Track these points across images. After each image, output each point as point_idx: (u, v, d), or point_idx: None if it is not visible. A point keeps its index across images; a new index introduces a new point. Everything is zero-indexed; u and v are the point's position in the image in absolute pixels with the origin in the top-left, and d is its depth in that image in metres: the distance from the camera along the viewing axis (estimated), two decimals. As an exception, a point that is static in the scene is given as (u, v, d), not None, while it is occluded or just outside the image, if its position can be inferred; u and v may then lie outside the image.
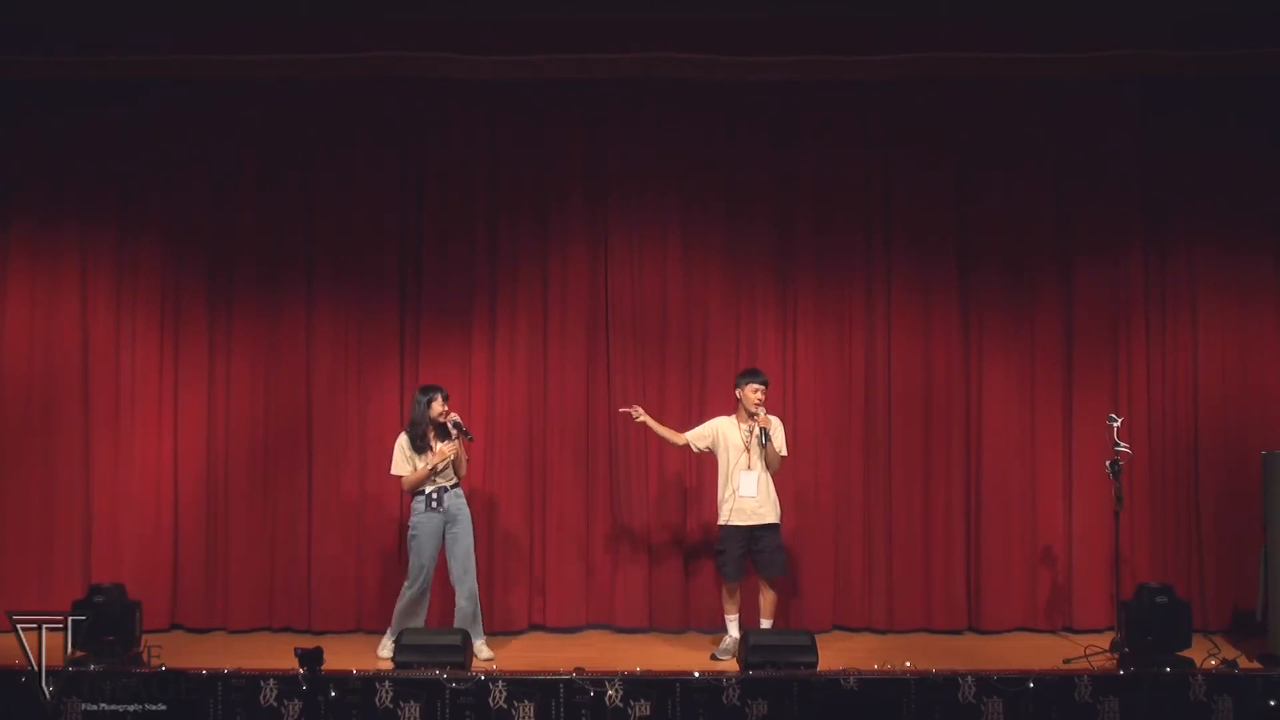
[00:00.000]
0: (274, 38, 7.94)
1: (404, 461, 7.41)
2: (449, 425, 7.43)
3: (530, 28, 7.96)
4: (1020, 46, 7.98)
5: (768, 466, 7.44)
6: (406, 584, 7.42)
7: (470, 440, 7.67)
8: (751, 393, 7.45)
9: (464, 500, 7.49)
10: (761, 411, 7.41)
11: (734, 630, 7.52)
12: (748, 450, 7.42)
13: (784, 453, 7.53)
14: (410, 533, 7.43)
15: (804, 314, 8.41)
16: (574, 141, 8.43)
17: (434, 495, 7.39)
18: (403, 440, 7.44)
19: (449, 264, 8.38)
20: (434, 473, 7.36)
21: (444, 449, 7.38)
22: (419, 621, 7.40)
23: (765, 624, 7.47)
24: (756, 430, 7.38)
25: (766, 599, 7.50)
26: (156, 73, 8.10)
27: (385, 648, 7.42)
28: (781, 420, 7.63)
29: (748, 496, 7.38)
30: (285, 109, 8.39)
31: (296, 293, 8.37)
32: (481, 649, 7.44)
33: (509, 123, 8.42)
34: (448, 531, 7.41)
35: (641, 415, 7.58)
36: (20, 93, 8.31)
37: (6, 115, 8.38)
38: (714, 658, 7.47)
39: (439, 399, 7.46)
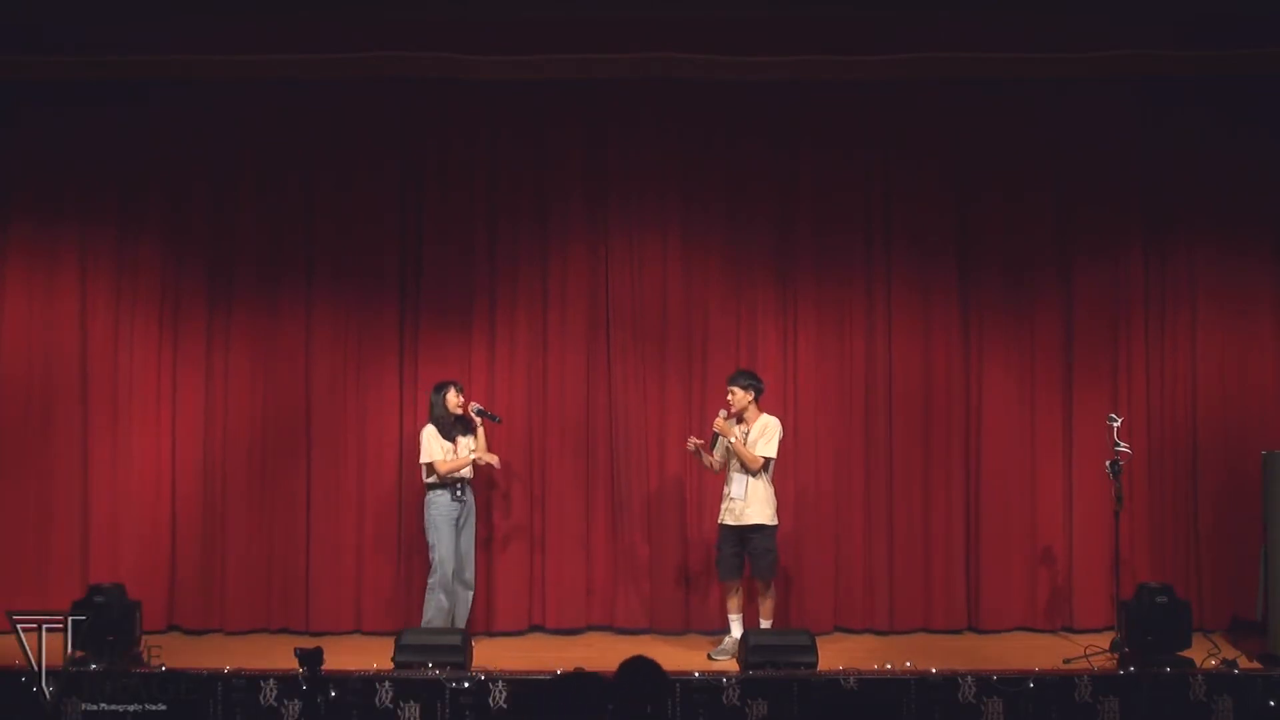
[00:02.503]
0: (274, 38, 7.94)
1: (438, 449, 7.54)
2: (471, 414, 7.64)
3: (530, 28, 7.96)
4: (1020, 46, 7.98)
5: (743, 468, 7.41)
6: (433, 579, 7.51)
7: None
8: (727, 395, 7.48)
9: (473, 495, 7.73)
10: (721, 415, 7.44)
11: (735, 630, 7.51)
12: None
13: (765, 454, 7.38)
14: (430, 524, 7.54)
15: (804, 314, 8.41)
16: (574, 141, 8.43)
17: (458, 487, 7.57)
18: (431, 430, 7.58)
19: (449, 263, 8.38)
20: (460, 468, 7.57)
21: (492, 460, 7.68)
22: (445, 617, 7.47)
23: (764, 625, 7.46)
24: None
25: (761, 602, 7.50)
26: (156, 73, 8.10)
27: None
28: (780, 419, 7.58)
29: (735, 498, 7.40)
30: (285, 109, 8.39)
31: (296, 293, 8.37)
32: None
33: (509, 123, 8.42)
34: (461, 523, 7.57)
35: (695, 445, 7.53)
36: (20, 93, 8.31)
37: (6, 115, 8.38)
38: (710, 658, 7.45)
39: (452, 391, 7.65)
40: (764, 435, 7.41)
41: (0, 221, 8.39)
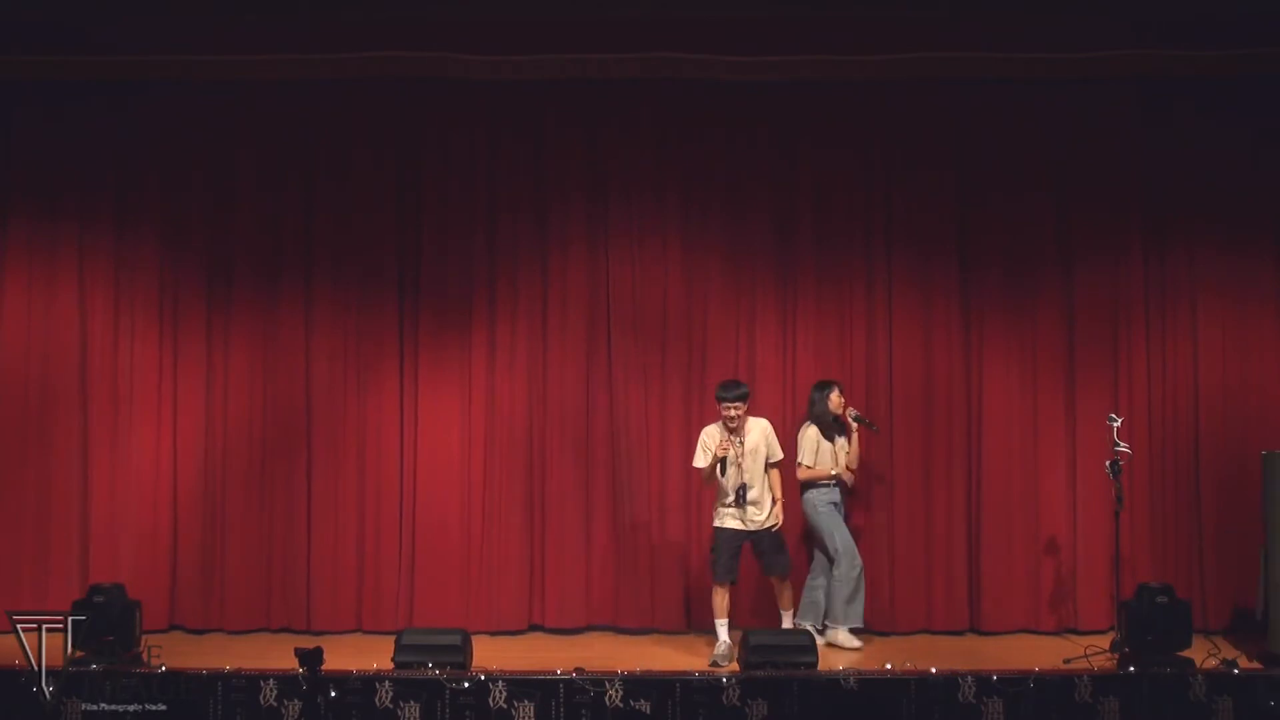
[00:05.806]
0: (274, 38, 7.96)
1: (812, 451, 7.75)
2: (849, 419, 7.82)
3: (530, 28, 7.98)
4: (1021, 46, 8.00)
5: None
6: (846, 566, 7.63)
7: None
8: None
9: None
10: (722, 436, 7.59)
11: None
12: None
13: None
14: (820, 518, 7.72)
15: (804, 314, 8.41)
16: (573, 141, 8.43)
17: (835, 484, 7.81)
18: (815, 431, 7.78)
19: (448, 263, 8.38)
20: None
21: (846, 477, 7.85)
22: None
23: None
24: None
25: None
26: (156, 73, 8.10)
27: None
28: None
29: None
30: (284, 109, 8.38)
31: (295, 292, 8.36)
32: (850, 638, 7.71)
33: (508, 122, 8.41)
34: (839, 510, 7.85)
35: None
36: (19, 92, 8.31)
37: (5, 114, 8.37)
38: (715, 663, 7.36)
39: (835, 391, 7.84)
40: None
41: (-1, 221, 8.41)
